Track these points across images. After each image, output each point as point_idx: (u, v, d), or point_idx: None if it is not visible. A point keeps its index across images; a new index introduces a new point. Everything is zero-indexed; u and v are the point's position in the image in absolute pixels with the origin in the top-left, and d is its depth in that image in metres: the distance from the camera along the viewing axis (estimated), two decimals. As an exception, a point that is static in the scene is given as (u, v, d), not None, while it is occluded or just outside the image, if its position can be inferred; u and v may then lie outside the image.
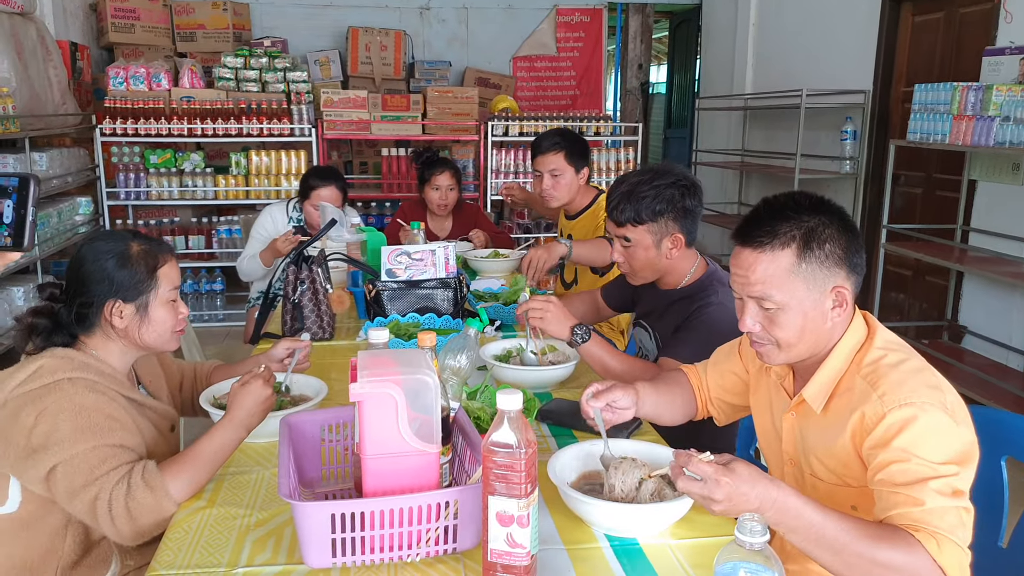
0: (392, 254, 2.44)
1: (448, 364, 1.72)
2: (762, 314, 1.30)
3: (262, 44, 5.98)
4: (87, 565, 1.46)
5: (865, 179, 4.98)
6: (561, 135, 2.92)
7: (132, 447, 1.40)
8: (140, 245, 1.52)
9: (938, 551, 1.08)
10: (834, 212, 1.30)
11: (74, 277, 1.49)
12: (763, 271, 1.27)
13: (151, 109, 5.05)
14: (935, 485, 1.12)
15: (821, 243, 1.26)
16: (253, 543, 1.26)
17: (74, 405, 1.36)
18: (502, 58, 7.01)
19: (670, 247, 1.97)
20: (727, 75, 6.69)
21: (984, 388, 3.42)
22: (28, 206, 0.79)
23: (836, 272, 1.27)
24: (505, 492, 1.06)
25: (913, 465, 1.14)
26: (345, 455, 1.44)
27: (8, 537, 1.43)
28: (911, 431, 1.16)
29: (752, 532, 0.85)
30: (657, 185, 1.92)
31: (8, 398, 1.37)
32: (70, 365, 1.41)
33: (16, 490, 1.42)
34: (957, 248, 3.97)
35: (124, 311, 1.48)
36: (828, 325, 1.29)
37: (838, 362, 1.30)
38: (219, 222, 5.45)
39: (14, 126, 4.07)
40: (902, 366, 1.25)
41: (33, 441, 1.34)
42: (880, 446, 1.18)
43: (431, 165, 3.59)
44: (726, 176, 6.77)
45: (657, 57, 11.16)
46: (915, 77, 4.42)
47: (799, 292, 1.26)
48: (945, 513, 1.11)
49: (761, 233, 1.28)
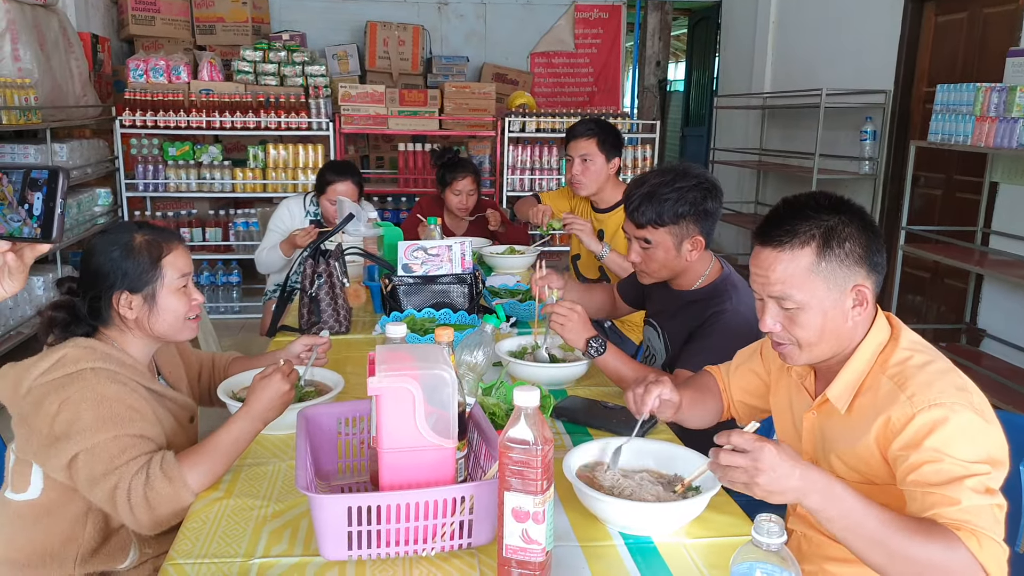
0: (408, 249, 2.44)
1: (464, 360, 1.72)
2: (782, 314, 1.30)
3: (281, 38, 6.00)
4: (106, 553, 1.48)
5: (884, 180, 4.93)
6: (596, 123, 2.95)
7: (152, 437, 1.41)
8: (144, 236, 1.53)
9: (979, 548, 1.08)
10: (854, 211, 1.29)
11: (85, 271, 1.52)
12: (783, 270, 1.27)
13: (170, 102, 5.09)
14: (970, 484, 1.12)
15: (841, 242, 1.25)
16: (270, 534, 1.27)
17: (96, 395, 1.38)
18: (520, 54, 7.00)
19: (690, 249, 1.95)
20: (746, 73, 6.65)
21: (1002, 392, 3.39)
22: (57, 199, 0.80)
23: (856, 271, 1.26)
24: (521, 488, 1.06)
25: (946, 465, 1.14)
26: (361, 449, 1.45)
27: (29, 523, 1.45)
28: (942, 432, 1.15)
29: (769, 533, 0.85)
30: (679, 188, 1.90)
31: (32, 386, 1.39)
32: (93, 355, 1.43)
33: (38, 477, 1.44)
34: (977, 251, 3.92)
35: (133, 302, 1.50)
36: (849, 324, 1.28)
37: (862, 362, 1.30)
38: (236, 215, 5.49)
39: (36, 117, 4.12)
40: (929, 367, 1.24)
41: (56, 429, 1.35)
42: (911, 447, 1.17)
43: (452, 168, 3.59)
44: (743, 175, 6.73)
45: (675, 54, 11.11)
46: (937, 77, 4.37)
47: (819, 291, 1.26)
48: (982, 511, 1.11)
49: (781, 232, 1.27)
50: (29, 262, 0.80)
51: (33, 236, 0.79)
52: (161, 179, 5.21)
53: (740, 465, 1.10)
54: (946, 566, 1.08)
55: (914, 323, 4.57)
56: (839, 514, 1.11)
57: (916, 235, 4.16)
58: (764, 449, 1.09)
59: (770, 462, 1.09)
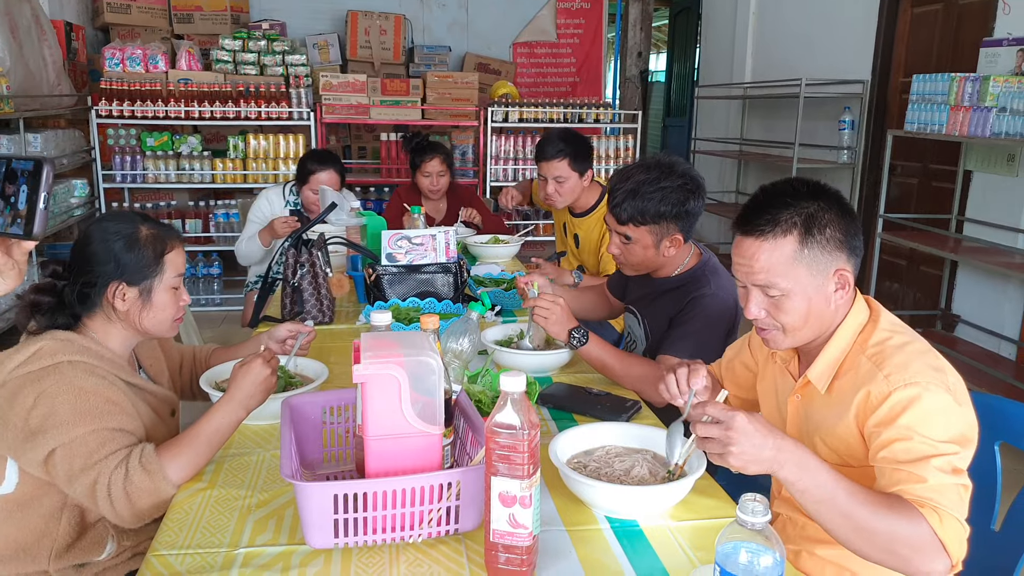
0: (392, 238, 2.44)
1: (450, 347, 1.73)
2: (767, 301, 1.31)
3: (260, 27, 5.94)
4: (81, 548, 1.46)
5: (862, 169, 4.98)
6: (565, 140, 2.89)
7: (131, 431, 1.40)
8: (149, 229, 1.50)
9: (940, 525, 1.11)
10: (832, 196, 1.31)
11: (80, 256, 1.48)
12: (766, 259, 1.28)
13: (148, 91, 5.02)
14: (937, 463, 1.14)
15: (822, 228, 1.27)
16: (254, 524, 1.27)
17: (73, 388, 1.35)
18: (502, 44, 6.98)
19: (668, 246, 1.97)
20: (727, 64, 6.68)
21: (976, 376, 3.45)
22: (40, 192, 0.76)
23: (837, 255, 1.28)
24: (508, 473, 1.07)
25: (916, 443, 1.16)
26: (346, 437, 1.44)
27: (3, 517, 1.43)
28: (915, 410, 1.18)
29: (754, 512, 0.86)
30: (664, 187, 1.90)
31: (7, 379, 1.36)
32: (70, 348, 1.40)
33: (13, 471, 1.41)
34: (952, 238, 3.98)
35: (127, 294, 1.47)
36: (831, 308, 1.30)
37: (842, 342, 1.32)
38: (216, 206, 5.43)
39: (8, 107, 4.05)
40: (907, 347, 1.26)
41: (31, 423, 1.33)
42: (884, 424, 1.20)
43: (420, 151, 3.59)
44: (724, 165, 6.77)
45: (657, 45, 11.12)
46: (913, 68, 4.41)
47: (803, 278, 1.28)
48: (946, 490, 1.13)
49: (762, 222, 1.28)
50: (20, 259, 0.76)
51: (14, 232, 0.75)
52: (139, 170, 5.14)
53: (714, 436, 1.12)
54: (907, 540, 1.11)
55: (891, 309, 4.60)
56: (813, 484, 1.13)
57: (893, 223, 4.21)
58: (736, 417, 1.10)
59: (742, 429, 1.10)
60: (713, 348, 1.87)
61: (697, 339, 1.89)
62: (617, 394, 1.78)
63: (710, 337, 1.90)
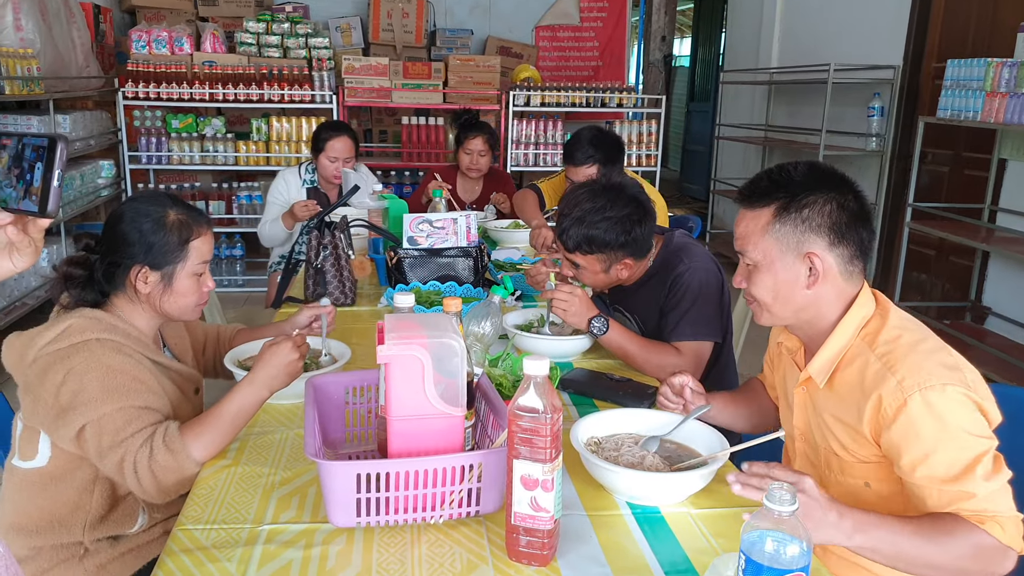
0: (414, 222, 2.43)
1: (472, 330, 1.72)
2: (745, 270, 1.35)
3: (284, 9, 5.94)
4: (113, 520, 1.49)
5: (891, 156, 4.90)
6: (594, 144, 2.81)
7: (157, 408, 1.42)
8: (178, 214, 1.50)
9: (1003, 533, 1.12)
10: (837, 187, 1.28)
11: (109, 233, 1.49)
12: (744, 227, 1.33)
13: (173, 73, 5.05)
14: (980, 471, 1.13)
15: (800, 208, 1.27)
16: (278, 501, 1.28)
17: (102, 365, 1.37)
18: (524, 27, 6.92)
19: (620, 269, 1.95)
20: (752, 48, 6.58)
21: (1007, 369, 3.39)
22: (55, 170, 0.75)
23: (812, 239, 1.27)
24: (530, 456, 1.06)
25: (952, 454, 1.15)
26: (368, 418, 1.45)
27: (38, 490, 1.46)
28: (937, 417, 1.16)
29: (781, 501, 0.85)
30: (609, 217, 1.87)
31: (37, 356, 1.39)
32: (99, 326, 1.42)
33: (46, 445, 1.44)
34: (984, 228, 3.91)
35: (149, 277, 1.48)
36: (809, 293, 1.29)
37: (843, 337, 1.30)
38: (239, 188, 5.47)
39: (39, 88, 4.09)
40: (920, 347, 1.23)
41: (61, 400, 1.35)
42: (909, 437, 1.18)
43: (467, 128, 3.62)
44: (748, 151, 6.69)
45: (681, 30, 10.99)
46: (947, 53, 4.32)
47: (772, 252, 1.30)
48: (997, 496, 1.14)
49: (751, 191, 1.33)
50: (36, 236, 0.76)
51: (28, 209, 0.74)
52: (164, 151, 5.19)
53: None
54: (976, 557, 1.12)
55: (919, 300, 4.58)
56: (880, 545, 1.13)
57: (923, 212, 4.14)
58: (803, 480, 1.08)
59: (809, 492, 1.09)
60: (713, 317, 1.90)
61: (695, 315, 1.89)
62: (638, 380, 1.77)
63: (706, 308, 1.91)
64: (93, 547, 1.48)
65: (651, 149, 5.62)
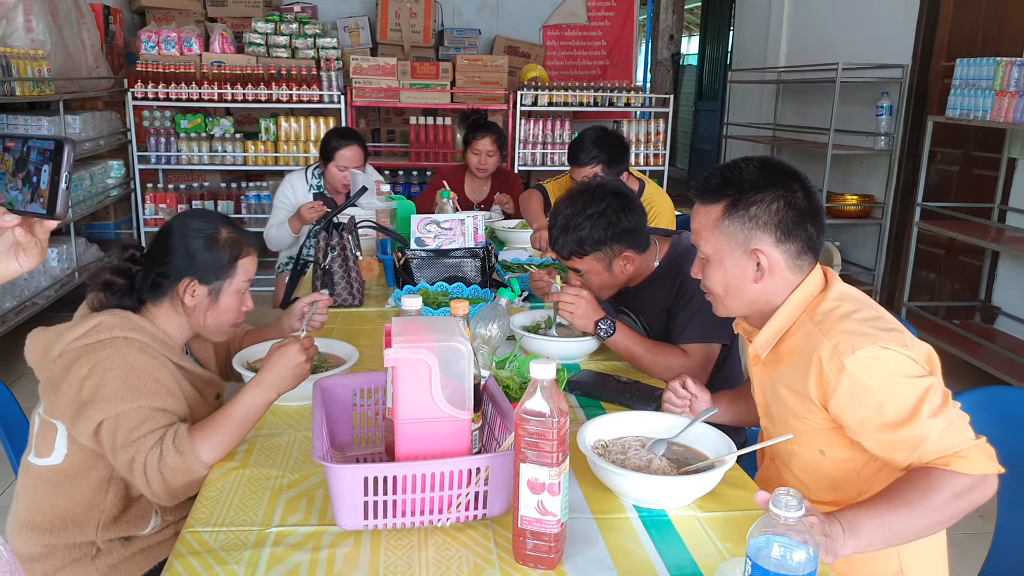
0: (421, 223, 2.44)
1: (479, 333, 1.73)
2: (700, 263, 1.40)
3: (292, 10, 5.96)
4: (127, 520, 1.50)
5: (900, 156, 4.87)
6: (598, 145, 2.81)
7: (173, 411, 1.43)
8: (229, 233, 1.56)
9: (971, 465, 1.15)
10: (781, 183, 1.31)
11: (160, 247, 1.54)
12: (698, 222, 1.38)
13: (182, 74, 5.08)
14: (926, 411, 1.17)
15: (748, 205, 1.31)
16: (286, 503, 1.28)
17: (126, 363, 1.40)
18: (532, 27, 6.92)
19: (623, 265, 1.94)
20: (760, 47, 6.55)
21: (1016, 370, 3.37)
22: (62, 172, 0.76)
23: (758, 236, 1.31)
24: (536, 460, 1.07)
25: (896, 400, 1.19)
26: (375, 420, 1.46)
27: (52, 488, 1.47)
28: (875, 371, 1.20)
29: (787, 507, 0.85)
30: (591, 214, 1.88)
31: (64, 350, 1.41)
32: (128, 324, 1.45)
33: (62, 443, 1.46)
34: (993, 227, 3.88)
35: (197, 291, 1.52)
36: (757, 287, 1.34)
37: (787, 312, 1.35)
38: (248, 187, 5.49)
39: (49, 89, 4.12)
40: (855, 315, 1.28)
41: (84, 393, 1.37)
42: (855, 395, 1.22)
43: (475, 128, 3.62)
44: (757, 150, 6.66)
45: (688, 28, 10.96)
46: (956, 52, 4.29)
47: (721, 247, 1.34)
48: (951, 432, 1.17)
49: (704, 187, 1.37)
50: (43, 237, 0.77)
51: (36, 211, 0.75)
52: (173, 151, 5.21)
53: None
54: (959, 497, 1.15)
55: (928, 300, 4.56)
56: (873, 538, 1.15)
57: (931, 211, 4.12)
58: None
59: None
60: (721, 319, 1.88)
61: (703, 317, 1.88)
62: (646, 382, 1.77)
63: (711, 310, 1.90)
64: (105, 547, 1.49)
65: (659, 148, 5.61)
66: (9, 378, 3.50)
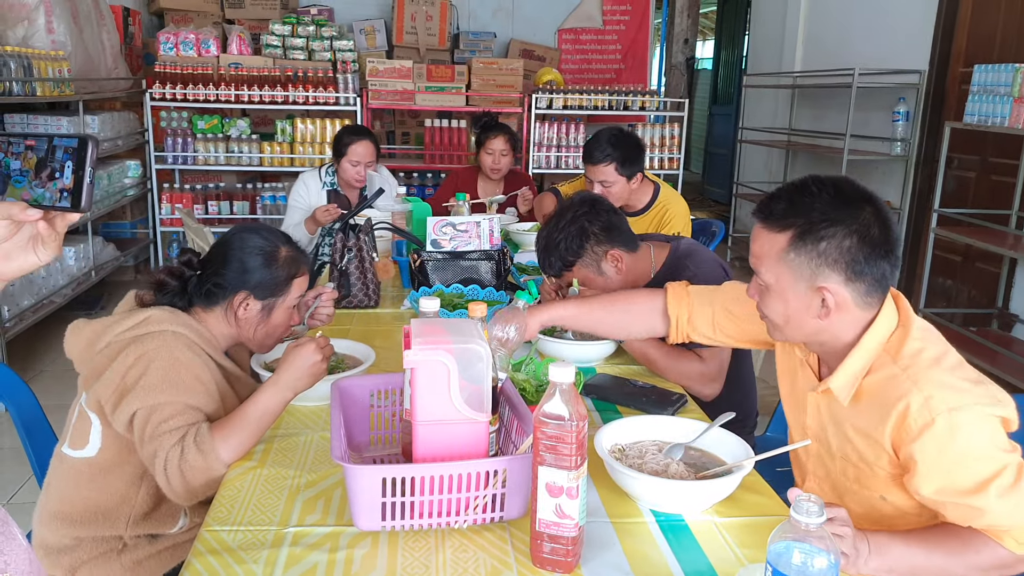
0: (437, 225, 2.45)
1: (496, 335, 1.73)
2: (758, 287, 1.32)
3: (309, 12, 5.99)
4: (157, 517, 1.52)
5: (916, 162, 4.84)
6: (612, 144, 2.80)
7: (206, 410, 1.45)
8: (288, 251, 1.60)
9: (1017, 545, 1.14)
10: (856, 214, 1.20)
11: (219, 257, 1.56)
12: (759, 247, 1.28)
13: (199, 75, 5.12)
14: (994, 490, 1.14)
15: (817, 240, 1.20)
16: (303, 503, 1.29)
17: (171, 356, 1.42)
18: (547, 30, 6.93)
19: (613, 264, 1.95)
20: (776, 51, 6.53)
21: (1034, 379, 3.34)
22: (86, 167, 0.79)
23: (827, 273, 1.21)
24: (555, 463, 1.07)
25: (971, 471, 1.15)
26: (392, 421, 1.46)
27: (85, 480, 1.49)
28: (963, 436, 1.15)
29: (808, 512, 0.85)
30: (563, 227, 1.93)
31: (113, 340, 1.44)
32: (177, 320, 1.48)
33: (97, 436, 1.47)
34: (1011, 234, 3.85)
35: (251, 306, 1.55)
36: (821, 323, 1.25)
37: (866, 353, 1.26)
38: (263, 188, 5.52)
39: (69, 89, 4.16)
40: (943, 362, 1.21)
41: (127, 381, 1.39)
42: (931, 453, 1.17)
43: (487, 129, 3.62)
44: (771, 155, 6.64)
45: (703, 32, 10.94)
46: (974, 57, 4.26)
47: (784, 279, 1.25)
48: (1011, 512, 1.14)
49: (769, 210, 1.26)
50: (61, 231, 0.80)
51: (62, 205, 0.78)
52: (190, 152, 5.25)
53: None
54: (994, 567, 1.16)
55: (944, 306, 4.52)
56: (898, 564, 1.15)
57: (948, 218, 4.09)
58: None
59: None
60: None
61: None
62: (662, 387, 1.77)
63: None
64: (132, 543, 1.51)
65: (673, 152, 5.60)
66: (28, 375, 3.54)
